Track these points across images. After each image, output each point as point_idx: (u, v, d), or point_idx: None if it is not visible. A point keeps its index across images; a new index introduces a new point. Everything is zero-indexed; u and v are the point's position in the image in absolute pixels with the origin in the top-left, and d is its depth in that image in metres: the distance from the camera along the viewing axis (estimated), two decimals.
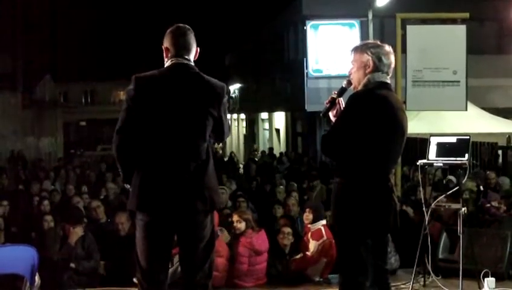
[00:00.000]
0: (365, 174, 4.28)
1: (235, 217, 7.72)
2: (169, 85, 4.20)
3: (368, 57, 4.39)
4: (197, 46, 4.37)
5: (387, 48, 4.48)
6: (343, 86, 4.60)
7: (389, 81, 4.44)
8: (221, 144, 34.33)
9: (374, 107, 4.27)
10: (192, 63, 4.32)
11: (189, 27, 4.37)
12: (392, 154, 4.42)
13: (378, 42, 4.54)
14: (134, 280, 6.65)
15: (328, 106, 4.59)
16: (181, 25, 4.36)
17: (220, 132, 4.35)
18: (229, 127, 4.50)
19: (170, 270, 4.62)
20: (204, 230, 4.26)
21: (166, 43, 4.32)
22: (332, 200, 4.46)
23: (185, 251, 4.32)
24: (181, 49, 4.28)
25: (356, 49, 4.49)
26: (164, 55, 4.35)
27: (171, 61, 4.28)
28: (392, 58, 4.47)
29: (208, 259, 4.32)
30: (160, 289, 4.32)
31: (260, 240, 7.63)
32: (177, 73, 4.24)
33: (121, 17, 55.41)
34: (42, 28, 37.01)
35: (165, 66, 4.32)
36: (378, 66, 4.38)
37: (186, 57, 4.28)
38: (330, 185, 12.38)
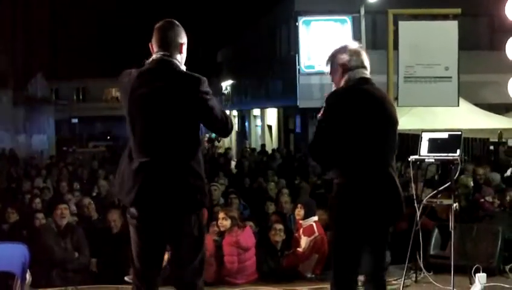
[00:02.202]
0: (363, 169, 4.27)
1: (221, 215, 7.69)
2: (144, 81, 4.16)
3: (337, 64, 4.44)
4: (188, 39, 4.32)
5: (352, 46, 4.50)
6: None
7: (369, 76, 4.45)
8: (220, 142, 34.26)
9: (355, 101, 4.30)
10: (175, 58, 4.25)
11: (174, 21, 4.33)
12: (385, 144, 4.38)
13: (344, 44, 4.54)
14: (126, 278, 6.68)
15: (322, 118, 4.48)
16: (167, 19, 4.33)
17: (213, 125, 4.30)
18: (229, 120, 4.36)
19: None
20: (190, 227, 4.21)
21: (152, 39, 4.32)
22: (333, 201, 4.41)
23: (172, 249, 4.32)
24: (162, 44, 4.25)
25: (327, 62, 4.54)
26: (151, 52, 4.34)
27: (152, 57, 4.28)
28: (363, 54, 4.47)
29: (196, 257, 4.28)
30: (152, 287, 4.35)
31: (246, 236, 7.62)
32: (154, 69, 4.21)
33: (113, 13, 55.25)
34: (35, 26, 36.86)
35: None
36: (350, 67, 4.41)
37: (167, 52, 4.23)
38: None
